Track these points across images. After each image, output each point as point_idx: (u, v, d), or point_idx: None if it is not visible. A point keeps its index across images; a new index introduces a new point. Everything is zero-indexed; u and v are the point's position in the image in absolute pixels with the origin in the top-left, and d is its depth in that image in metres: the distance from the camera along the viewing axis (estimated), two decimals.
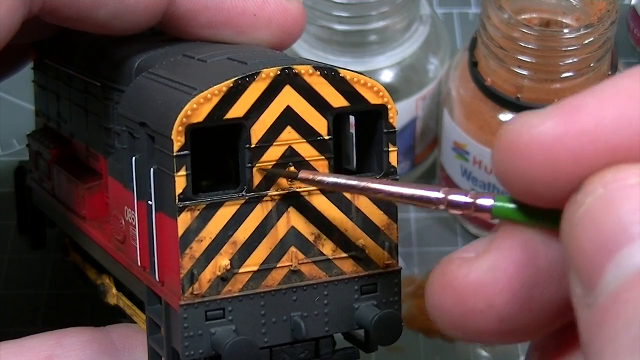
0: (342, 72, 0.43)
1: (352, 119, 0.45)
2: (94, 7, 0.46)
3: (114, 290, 0.52)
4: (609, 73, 0.65)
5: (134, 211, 0.44)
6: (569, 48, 0.61)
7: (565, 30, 0.62)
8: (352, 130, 0.46)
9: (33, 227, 0.63)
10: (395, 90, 0.69)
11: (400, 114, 0.60)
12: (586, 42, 0.61)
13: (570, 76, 0.62)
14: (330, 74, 0.43)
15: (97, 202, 0.51)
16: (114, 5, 0.46)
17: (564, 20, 0.65)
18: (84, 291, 0.61)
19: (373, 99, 0.44)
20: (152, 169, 0.42)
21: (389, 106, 0.44)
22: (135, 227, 0.44)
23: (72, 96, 0.55)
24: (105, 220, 0.51)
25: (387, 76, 0.69)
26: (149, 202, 0.43)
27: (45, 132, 0.59)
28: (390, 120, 0.44)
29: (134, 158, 0.44)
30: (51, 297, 0.66)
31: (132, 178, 0.44)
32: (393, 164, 0.44)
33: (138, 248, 0.44)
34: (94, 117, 0.52)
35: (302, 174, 0.42)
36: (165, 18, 0.49)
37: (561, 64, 0.62)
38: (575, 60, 0.62)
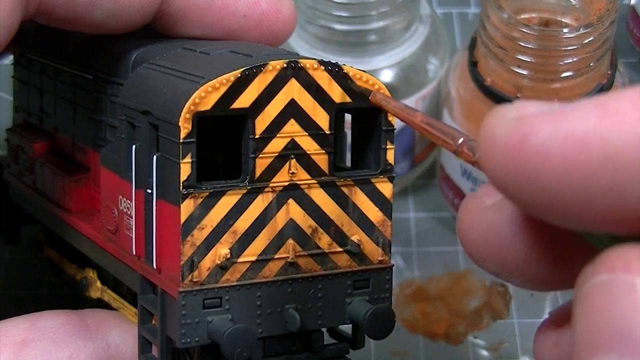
0: (345, 69, 0.43)
1: (348, 117, 0.46)
2: (89, 8, 0.46)
3: (98, 284, 0.52)
4: (609, 73, 0.65)
5: (131, 200, 0.44)
6: (569, 48, 0.61)
7: (565, 30, 0.62)
8: (348, 128, 0.46)
9: (8, 222, 0.63)
10: (395, 90, 0.69)
11: None
12: (586, 41, 0.61)
13: (570, 76, 0.62)
14: (334, 70, 0.43)
15: (83, 195, 0.52)
16: (109, 5, 0.47)
17: (563, 20, 0.65)
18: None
19: None
20: (154, 156, 0.42)
21: None
22: (131, 217, 0.45)
23: (59, 90, 0.55)
24: (92, 212, 0.51)
25: (387, 76, 0.69)
26: (148, 190, 0.43)
27: (26, 127, 0.59)
28: (390, 119, 0.44)
29: (134, 146, 0.44)
30: (51, 297, 0.66)
31: (131, 167, 0.44)
32: (390, 161, 0.45)
33: (134, 237, 0.45)
34: (83, 110, 0.52)
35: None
36: (157, 15, 0.49)
37: (561, 63, 0.62)
38: (574, 59, 0.62)
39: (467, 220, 0.34)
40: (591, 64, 0.62)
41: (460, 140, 0.34)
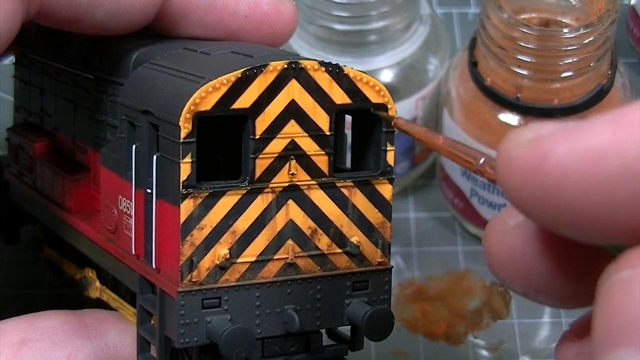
0: (346, 70, 0.44)
1: (349, 118, 0.46)
2: (90, 9, 0.46)
3: (97, 284, 0.52)
4: (609, 73, 0.65)
5: (131, 200, 0.44)
6: (569, 48, 0.61)
7: (565, 30, 0.62)
8: (348, 129, 0.46)
9: (8, 222, 0.63)
10: (395, 90, 0.69)
11: (400, 114, 0.60)
12: (586, 41, 0.61)
13: (570, 76, 0.62)
14: (335, 71, 0.43)
15: (83, 195, 0.52)
16: (110, 6, 0.47)
17: (563, 20, 0.65)
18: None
19: (374, 98, 0.44)
20: (155, 156, 0.42)
21: (389, 106, 0.44)
22: (130, 216, 0.45)
23: (59, 89, 0.55)
24: (91, 212, 0.51)
25: (387, 76, 0.69)
26: (148, 190, 0.43)
27: (27, 126, 0.59)
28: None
29: (134, 146, 0.44)
30: (51, 297, 0.66)
31: (131, 166, 0.44)
32: (390, 163, 0.45)
33: (133, 237, 0.45)
34: (84, 110, 0.52)
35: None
36: (158, 16, 0.49)
37: (561, 63, 0.62)
38: (574, 59, 0.62)
39: (492, 243, 0.35)
40: (591, 64, 0.62)
41: (482, 160, 0.35)
